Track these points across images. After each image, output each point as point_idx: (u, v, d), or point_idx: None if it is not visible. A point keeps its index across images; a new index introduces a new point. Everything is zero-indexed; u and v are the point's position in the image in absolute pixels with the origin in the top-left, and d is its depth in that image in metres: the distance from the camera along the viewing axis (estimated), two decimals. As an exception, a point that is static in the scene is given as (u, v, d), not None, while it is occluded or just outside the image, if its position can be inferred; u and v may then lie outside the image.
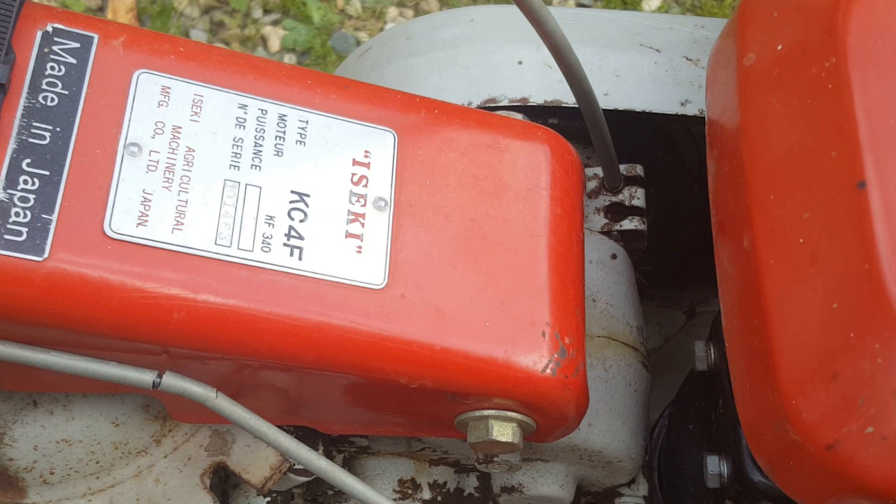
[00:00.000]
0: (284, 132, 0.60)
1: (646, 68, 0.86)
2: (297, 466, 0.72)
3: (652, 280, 0.95)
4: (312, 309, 0.56)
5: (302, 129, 0.60)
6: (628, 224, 0.87)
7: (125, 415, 0.66)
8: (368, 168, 0.61)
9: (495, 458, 0.66)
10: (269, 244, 0.57)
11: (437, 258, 0.60)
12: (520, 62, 0.86)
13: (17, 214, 0.51)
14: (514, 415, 0.62)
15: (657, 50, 0.88)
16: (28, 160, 0.53)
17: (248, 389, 0.61)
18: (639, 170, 0.89)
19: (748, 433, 0.61)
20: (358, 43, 2.07)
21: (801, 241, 0.56)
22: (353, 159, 0.61)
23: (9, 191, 0.52)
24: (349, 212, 0.59)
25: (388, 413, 0.66)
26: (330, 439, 0.75)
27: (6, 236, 0.51)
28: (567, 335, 0.62)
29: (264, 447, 0.69)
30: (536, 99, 0.84)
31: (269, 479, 0.69)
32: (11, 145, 0.52)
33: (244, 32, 2.01)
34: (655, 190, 0.95)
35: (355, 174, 0.60)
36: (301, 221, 0.58)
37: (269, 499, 0.76)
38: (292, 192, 0.58)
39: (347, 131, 0.61)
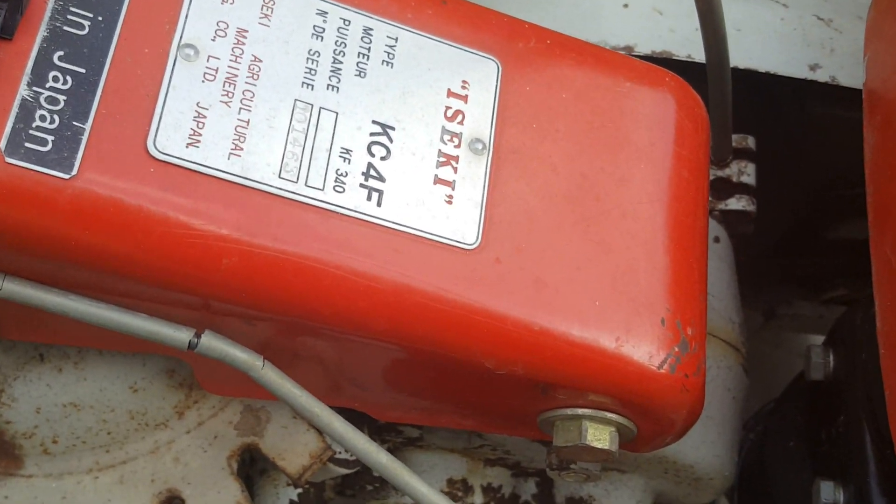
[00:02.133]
0: (369, 49, 0.52)
1: (771, 24, 0.80)
2: (339, 456, 0.64)
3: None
4: (390, 267, 0.49)
5: (390, 47, 0.52)
6: (735, 203, 0.81)
7: (145, 379, 0.59)
8: (465, 102, 0.53)
9: (573, 465, 0.58)
10: (343, 183, 0.49)
11: (540, 218, 0.52)
12: (625, 5, 0.80)
13: (42, 118, 0.43)
14: (612, 416, 0.55)
15: (784, 5, 0.81)
16: (61, 53, 0.45)
17: (295, 359, 0.54)
18: (750, 142, 0.82)
19: None
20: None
21: None
22: (449, 90, 0.53)
23: (35, 88, 0.44)
24: (440, 152, 0.52)
25: (459, 402, 0.59)
26: (377, 426, 0.67)
27: (28, 144, 0.43)
28: (690, 325, 0.54)
29: (304, 431, 0.62)
30: (643, 48, 0.78)
31: (308, 469, 0.61)
32: (42, 32, 0.45)
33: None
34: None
35: (450, 108, 0.53)
36: (382, 159, 0.50)
37: (300, 490, 0.68)
38: (374, 122, 0.51)
39: (443, 55, 0.53)
